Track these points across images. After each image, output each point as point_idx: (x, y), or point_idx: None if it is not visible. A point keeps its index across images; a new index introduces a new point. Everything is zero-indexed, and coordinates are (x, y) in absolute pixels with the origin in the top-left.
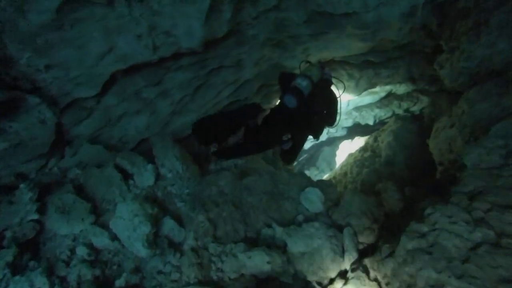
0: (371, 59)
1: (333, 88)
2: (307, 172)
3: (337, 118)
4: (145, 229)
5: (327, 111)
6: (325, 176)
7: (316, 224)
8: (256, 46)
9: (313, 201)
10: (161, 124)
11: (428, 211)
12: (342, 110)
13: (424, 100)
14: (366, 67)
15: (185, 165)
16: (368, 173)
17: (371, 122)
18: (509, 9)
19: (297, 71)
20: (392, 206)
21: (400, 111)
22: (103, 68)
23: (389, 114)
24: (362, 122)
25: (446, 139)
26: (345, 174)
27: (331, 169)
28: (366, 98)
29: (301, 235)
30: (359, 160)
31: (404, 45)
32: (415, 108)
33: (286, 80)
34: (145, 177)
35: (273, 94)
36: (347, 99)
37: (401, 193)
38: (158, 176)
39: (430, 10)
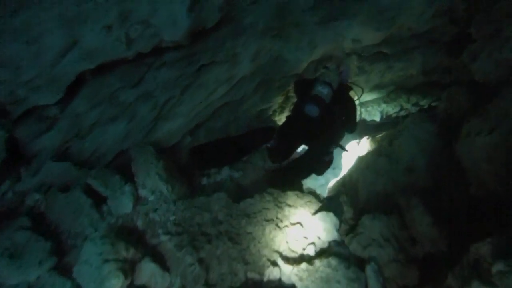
0: (384, 50)
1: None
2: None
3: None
4: (116, 282)
5: (346, 117)
6: (332, 182)
7: (333, 261)
8: (254, 36)
9: (326, 228)
10: (143, 132)
11: (498, 267)
12: None
13: (435, 93)
14: (378, 60)
15: (171, 184)
16: (385, 182)
17: (377, 118)
18: None
19: (301, 64)
20: (421, 233)
21: (408, 106)
22: (65, 67)
23: (397, 109)
24: (368, 118)
25: (484, 146)
26: (357, 182)
27: (333, 168)
28: (373, 92)
29: (315, 278)
30: (372, 166)
31: (422, 33)
32: (424, 102)
33: (303, 88)
34: (121, 202)
35: (274, 92)
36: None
37: (431, 214)
38: (138, 199)
39: None
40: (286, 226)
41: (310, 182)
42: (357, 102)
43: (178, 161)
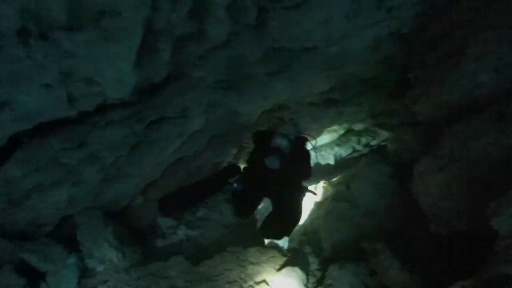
0: (334, 96)
1: None
2: None
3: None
4: None
5: (303, 166)
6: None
7: None
8: (204, 91)
9: (293, 284)
10: (89, 196)
11: None
12: None
13: (383, 134)
14: (329, 106)
15: (122, 251)
16: (348, 228)
17: (331, 162)
18: (487, 37)
19: (254, 116)
20: (391, 279)
21: (359, 147)
22: None
23: (350, 151)
24: (323, 162)
25: (437, 185)
26: (318, 230)
27: None
28: (325, 137)
29: None
30: (332, 212)
31: (367, 79)
32: (374, 143)
33: (261, 139)
34: (64, 277)
35: (227, 144)
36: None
37: (399, 258)
38: (84, 272)
39: (394, 42)
40: (251, 286)
41: None
42: (312, 151)
43: (131, 224)
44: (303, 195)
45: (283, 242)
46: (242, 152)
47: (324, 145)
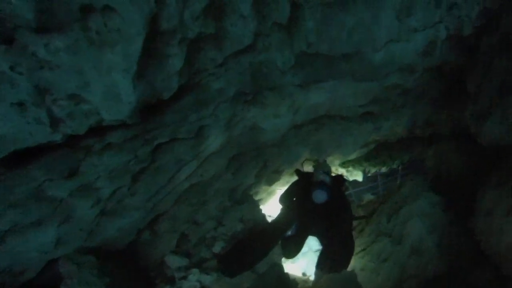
0: (372, 110)
1: None
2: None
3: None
4: None
5: (343, 205)
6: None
7: None
8: (224, 105)
9: None
10: (83, 235)
11: None
12: None
13: (417, 148)
14: (365, 121)
15: None
16: (390, 270)
17: (360, 178)
18: None
19: (280, 133)
20: None
21: (391, 162)
22: None
23: (380, 166)
24: (350, 179)
25: None
26: (352, 268)
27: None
28: (354, 152)
29: None
30: (370, 249)
31: (410, 89)
32: (407, 157)
33: (302, 178)
34: None
35: (249, 165)
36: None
37: None
38: None
39: (450, 46)
40: None
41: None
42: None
43: (136, 262)
44: (351, 225)
45: (309, 271)
46: (265, 171)
47: (352, 161)
